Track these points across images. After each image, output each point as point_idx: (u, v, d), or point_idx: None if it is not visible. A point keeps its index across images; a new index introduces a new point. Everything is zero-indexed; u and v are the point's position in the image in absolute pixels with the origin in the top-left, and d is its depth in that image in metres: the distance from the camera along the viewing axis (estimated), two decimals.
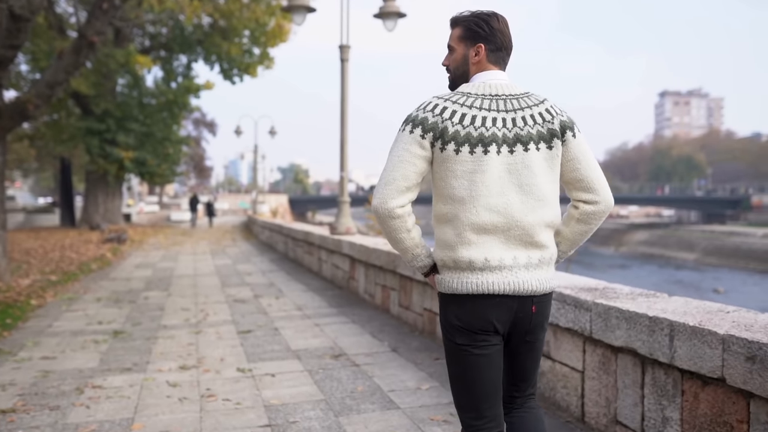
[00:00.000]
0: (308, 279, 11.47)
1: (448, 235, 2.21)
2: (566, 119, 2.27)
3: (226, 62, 27.74)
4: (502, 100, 2.22)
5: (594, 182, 2.29)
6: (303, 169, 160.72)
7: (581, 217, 2.33)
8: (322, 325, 7.15)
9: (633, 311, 3.31)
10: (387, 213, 2.18)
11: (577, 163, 2.27)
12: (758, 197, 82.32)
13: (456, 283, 2.19)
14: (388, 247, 7.92)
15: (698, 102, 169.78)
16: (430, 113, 2.18)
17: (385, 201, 2.18)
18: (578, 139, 2.28)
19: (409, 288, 6.95)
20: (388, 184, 2.18)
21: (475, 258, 2.15)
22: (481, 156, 2.14)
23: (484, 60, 2.29)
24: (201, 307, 8.64)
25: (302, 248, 13.75)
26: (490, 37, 2.28)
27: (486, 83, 2.25)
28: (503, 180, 2.16)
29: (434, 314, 6.24)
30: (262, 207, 40.60)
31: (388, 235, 2.27)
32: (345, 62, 10.95)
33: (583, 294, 3.89)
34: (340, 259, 10.15)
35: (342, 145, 11.09)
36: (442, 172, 2.19)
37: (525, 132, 2.19)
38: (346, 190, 11.18)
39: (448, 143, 2.14)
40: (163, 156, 29.34)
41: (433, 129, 2.16)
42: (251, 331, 6.92)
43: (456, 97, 2.22)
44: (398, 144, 2.21)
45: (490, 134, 2.15)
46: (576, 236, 2.38)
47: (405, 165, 2.17)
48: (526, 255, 2.19)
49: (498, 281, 2.15)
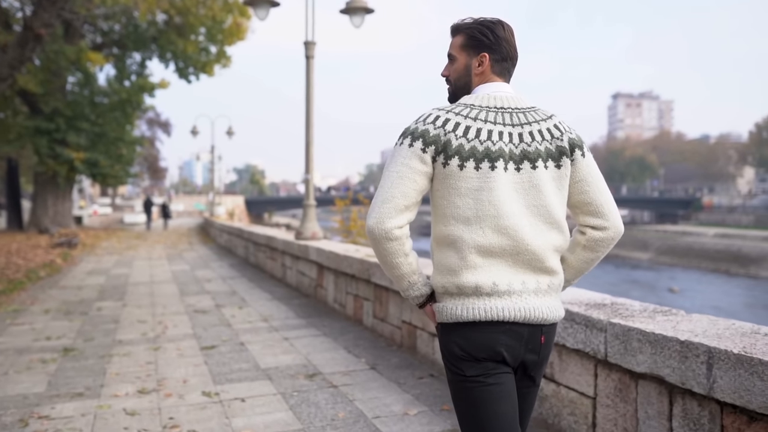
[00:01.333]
0: (272, 286, 10.95)
1: (450, 259, 2.03)
2: (575, 137, 2.12)
3: (181, 60, 26.99)
4: (507, 113, 2.07)
5: (603, 206, 2.14)
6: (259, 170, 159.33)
7: (588, 244, 2.17)
8: (292, 338, 6.68)
9: (660, 334, 2.95)
10: (384, 234, 2.00)
11: (586, 185, 2.13)
12: (708, 198, 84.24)
13: (460, 310, 2.01)
14: (361, 254, 7.49)
15: (649, 104, 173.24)
16: (431, 125, 2.01)
17: (382, 221, 1.99)
18: (587, 159, 2.13)
19: (384, 299, 6.53)
20: (385, 202, 1.99)
21: (482, 282, 1.98)
22: (488, 172, 1.98)
23: (488, 71, 2.14)
24: (159, 318, 8.07)
25: (264, 253, 13.20)
26: (495, 47, 2.13)
27: (490, 95, 2.10)
28: (510, 200, 2.00)
29: (414, 327, 5.82)
30: (219, 209, 39.72)
31: (383, 259, 2.07)
32: (310, 59, 10.47)
33: (594, 311, 3.52)
34: (306, 265, 9.67)
35: (307, 147, 10.60)
36: (444, 190, 2.02)
37: (532, 148, 2.04)
38: (312, 193, 10.69)
39: (451, 158, 1.98)
40: (116, 157, 28.41)
41: (435, 142, 1.99)
42: (215, 346, 6.41)
43: (459, 108, 2.06)
44: (396, 158, 2.03)
45: (497, 149, 2.00)
46: (582, 264, 2.22)
47: (404, 182, 1.99)
48: (535, 280, 2.04)
49: (507, 307, 1.98)
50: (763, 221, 62.98)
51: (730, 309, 32.38)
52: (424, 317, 5.63)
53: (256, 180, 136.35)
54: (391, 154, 2.07)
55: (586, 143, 2.17)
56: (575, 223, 2.24)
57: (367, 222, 2.03)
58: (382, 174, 2.06)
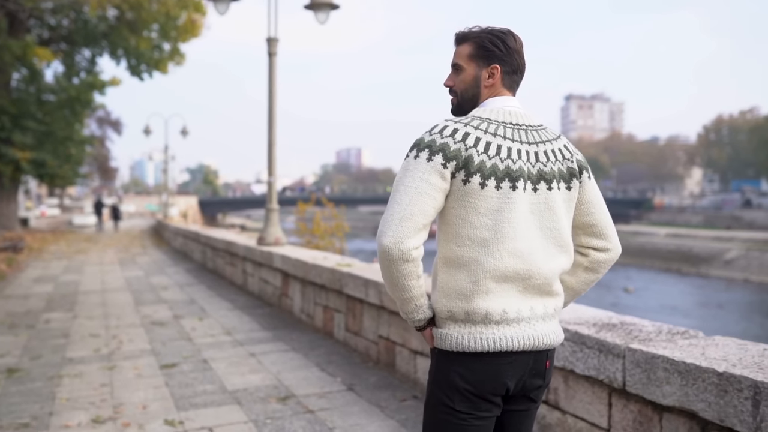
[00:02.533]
0: (232, 294, 10.44)
1: (461, 282, 1.92)
2: (582, 159, 2.10)
3: (134, 57, 26.10)
4: (523, 130, 1.99)
5: (607, 228, 2.14)
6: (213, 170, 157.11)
7: (591, 266, 2.14)
8: (259, 354, 6.23)
9: (692, 364, 2.63)
10: (401, 255, 1.85)
11: (592, 206, 2.10)
12: (659, 198, 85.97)
13: (467, 340, 1.91)
14: (331, 263, 7.09)
15: (601, 106, 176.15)
16: (450, 139, 1.89)
17: (400, 240, 1.84)
18: (593, 182, 2.12)
19: (358, 311, 6.14)
20: (404, 221, 1.84)
21: (492, 309, 1.90)
22: (509, 192, 1.89)
23: (499, 83, 2.05)
24: (113, 332, 7.53)
25: (223, 259, 12.67)
26: (507, 58, 2.04)
27: (503, 109, 2.01)
28: (527, 222, 1.93)
29: (392, 344, 5.45)
30: (171, 210, 38.72)
31: (394, 280, 1.92)
32: (273, 56, 10.00)
33: (608, 334, 3.20)
34: (270, 273, 9.21)
35: (270, 148, 10.13)
36: (460, 209, 1.91)
37: (548, 168, 1.98)
38: (275, 196, 10.22)
39: (472, 175, 1.87)
40: (65, 157, 27.37)
41: (456, 157, 1.87)
42: (176, 364, 5.94)
43: (475, 122, 1.95)
44: (414, 173, 1.88)
45: (518, 168, 1.91)
46: (581, 286, 2.18)
47: (424, 198, 1.86)
48: (542, 305, 1.98)
49: (517, 336, 1.91)
50: (711, 221, 64.44)
51: (685, 308, 32.90)
52: (403, 333, 5.26)
53: (210, 180, 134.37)
54: (405, 167, 1.91)
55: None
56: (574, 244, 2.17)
57: (382, 241, 1.86)
58: (395, 188, 1.90)
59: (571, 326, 3.41)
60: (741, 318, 30.89)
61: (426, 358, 4.89)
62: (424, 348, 4.90)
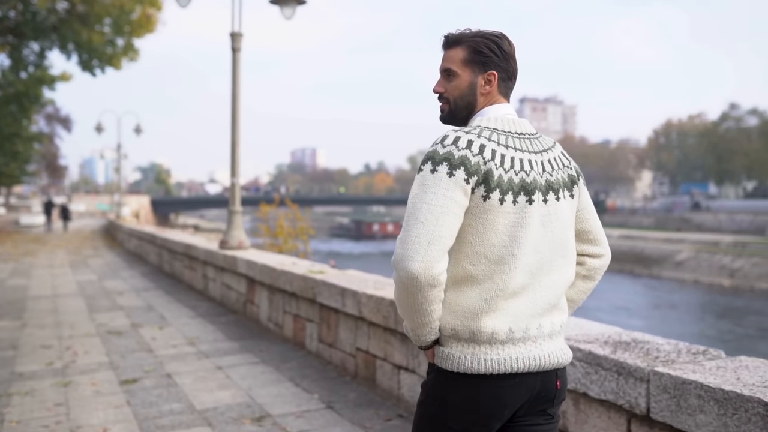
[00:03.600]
0: (193, 300, 9.98)
1: (471, 300, 1.81)
2: (576, 165, 2.02)
3: (85, 52, 25.18)
4: (527, 138, 1.90)
5: (600, 234, 2.06)
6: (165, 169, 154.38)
7: (588, 274, 2.07)
8: (227, 367, 5.85)
9: (732, 392, 2.38)
10: (431, 281, 1.72)
11: (587, 213, 2.03)
12: (612, 200, 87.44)
13: (470, 361, 1.79)
14: (302, 269, 6.74)
15: (554, 108, 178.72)
16: (468, 151, 1.77)
17: (431, 265, 1.70)
18: (585, 187, 2.04)
19: (333, 322, 5.81)
20: (433, 243, 1.71)
21: (498, 328, 1.79)
22: (525, 206, 1.81)
23: (495, 90, 1.94)
24: (67, 343, 7.05)
25: (182, 262, 12.18)
26: (503, 64, 1.93)
27: (505, 118, 1.90)
28: (538, 235, 1.84)
29: (372, 357, 5.14)
30: (124, 210, 37.66)
31: (417, 306, 1.77)
32: (237, 52, 9.58)
33: (626, 355, 2.94)
34: (234, 278, 8.81)
35: (233, 147, 9.71)
36: (478, 226, 1.79)
37: (554, 178, 1.91)
38: (239, 198, 9.81)
39: (493, 191, 1.77)
40: (12, 154, 26.35)
41: (476, 172, 1.77)
42: (138, 379, 5.52)
43: (486, 133, 1.83)
44: (436, 189, 1.74)
45: (531, 180, 1.84)
46: (581, 296, 2.09)
47: (450, 218, 1.74)
48: (549, 321, 1.88)
49: (523, 356, 1.80)
50: (662, 223, 65.78)
51: (639, 309, 33.39)
52: (385, 346, 4.95)
53: (162, 179, 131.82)
54: (422, 182, 1.76)
55: None
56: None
57: (409, 266, 1.70)
58: (415, 205, 1.75)
59: (582, 345, 3.15)
60: (694, 319, 31.43)
61: (411, 374, 4.59)
62: (409, 362, 4.61)
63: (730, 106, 77.59)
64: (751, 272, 42.32)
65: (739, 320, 30.99)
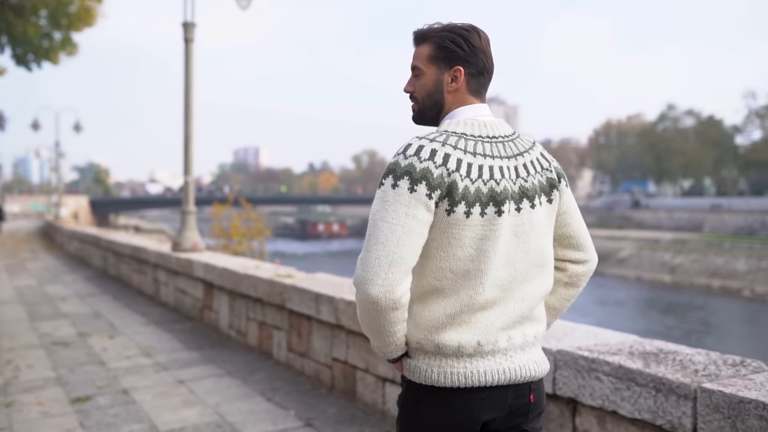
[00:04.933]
0: (143, 306, 9.40)
1: (435, 314, 1.74)
2: (558, 166, 1.89)
3: (20, 45, 24.01)
4: (500, 143, 1.79)
5: (584, 238, 1.95)
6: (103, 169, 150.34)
7: (570, 280, 1.96)
8: (190, 381, 5.39)
9: None
10: (391, 304, 1.65)
11: (569, 217, 1.91)
12: None
13: (436, 374, 1.74)
14: (268, 273, 6.31)
15: (497, 108, 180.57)
16: (430, 162, 1.66)
17: (391, 289, 1.63)
18: (569, 189, 1.91)
19: (305, 330, 5.41)
20: (393, 266, 1.63)
21: (465, 342, 1.72)
22: (494, 218, 1.70)
23: (464, 87, 1.83)
24: (7, 356, 6.44)
25: (130, 265, 11.53)
26: (471, 58, 1.81)
27: (476, 120, 1.79)
28: (510, 246, 1.74)
29: (352, 368, 4.76)
30: (62, 210, 36.23)
31: (379, 327, 1.72)
32: (189, 42, 9.05)
33: (662, 369, 2.64)
34: (189, 283, 8.29)
35: (186, 143, 9.17)
36: (443, 241, 1.70)
37: (529, 184, 1.78)
38: (192, 197, 9.28)
39: (457, 204, 1.66)
40: None
41: (440, 185, 1.66)
42: (90, 397, 5.01)
43: (452, 139, 1.72)
44: (396, 207, 1.65)
45: (502, 189, 1.72)
46: (563, 303, 1.99)
47: (412, 237, 1.65)
48: (521, 333, 1.80)
49: (491, 370, 1.73)
50: (604, 221, 67.05)
51: (585, 307, 33.74)
52: (366, 356, 4.59)
53: (101, 179, 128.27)
54: (383, 199, 1.67)
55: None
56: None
57: (369, 290, 1.63)
58: (375, 224, 1.66)
59: (607, 357, 2.85)
60: (640, 315, 32.01)
61: (397, 387, 4.23)
62: (395, 375, 4.25)
63: (668, 107, 79.71)
64: (691, 268, 43.47)
65: (683, 315, 31.69)
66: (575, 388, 2.96)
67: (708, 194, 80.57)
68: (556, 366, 3.06)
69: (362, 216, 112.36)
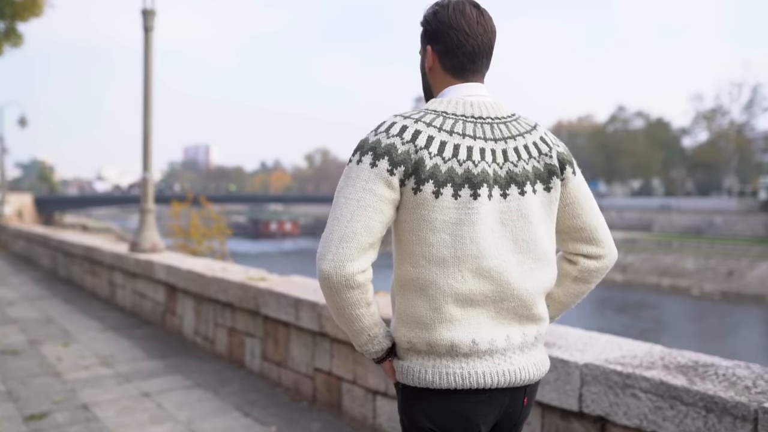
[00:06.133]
0: (98, 310, 8.86)
1: (420, 309, 1.62)
2: (563, 151, 1.73)
3: None
4: (487, 124, 1.65)
5: (598, 231, 1.79)
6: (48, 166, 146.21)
7: (581, 275, 1.81)
8: (156, 394, 4.97)
9: None
10: (344, 282, 1.55)
11: (578, 207, 1.76)
12: None
13: (431, 375, 1.61)
14: (239, 276, 5.92)
15: None
16: (397, 139, 1.58)
17: (342, 264, 1.54)
18: (579, 177, 1.76)
19: (282, 337, 5.04)
20: (345, 241, 1.54)
21: (459, 340, 1.60)
22: (469, 201, 1.57)
23: (438, 67, 1.71)
24: None
25: (82, 267, 10.93)
26: (439, 35, 1.67)
27: (464, 100, 1.67)
28: (496, 235, 1.61)
29: (337, 379, 4.42)
30: (6, 208, 34.82)
31: (340, 311, 1.62)
32: (149, 31, 8.56)
33: (710, 385, 2.38)
34: (149, 286, 7.81)
35: (145, 138, 8.68)
36: (412, 222, 1.60)
37: (519, 169, 1.64)
38: (152, 195, 8.78)
39: (424, 182, 1.56)
40: None
41: (404, 162, 1.57)
42: (47, 414, 4.55)
43: (428, 117, 1.62)
44: (355, 182, 1.57)
45: (480, 171, 1.59)
46: (570, 298, 1.86)
47: (368, 213, 1.55)
48: (520, 332, 1.67)
49: (490, 371, 1.61)
50: None
51: None
52: (354, 366, 4.25)
53: (46, 176, 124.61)
54: (346, 174, 1.62)
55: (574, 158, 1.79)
56: (560, 250, 1.85)
57: (321, 265, 1.56)
58: (335, 200, 1.61)
59: (644, 372, 2.58)
60: (596, 314, 32.23)
61: (390, 400, 3.91)
62: (389, 387, 3.92)
63: (618, 109, 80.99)
64: (642, 267, 44.18)
65: (637, 314, 32.12)
66: (606, 406, 2.68)
67: (657, 194, 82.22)
68: (582, 381, 2.77)
69: (315, 215, 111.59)
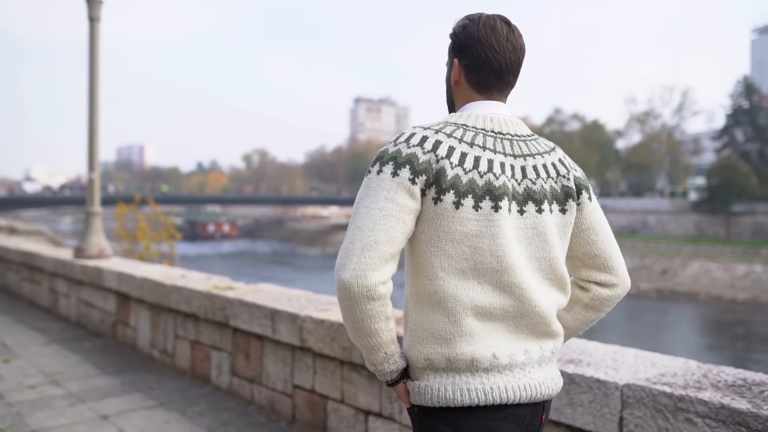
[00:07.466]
0: (39, 321, 8.23)
1: (438, 323, 1.58)
2: (581, 176, 1.72)
3: None
4: (507, 140, 1.64)
5: (612, 259, 1.74)
6: None
7: (592, 303, 1.75)
8: (115, 416, 4.51)
9: None
10: (365, 292, 1.48)
11: (593, 234, 1.72)
12: None
13: (451, 392, 1.56)
14: (203, 285, 5.50)
15: (388, 109, 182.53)
16: (418, 148, 1.56)
17: (363, 274, 1.48)
18: (594, 204, 1.74)
19: (255, 351, 4.65)
20: (367, 250, 1.49)
21: (479, 354, 1.56)
22: (490, 214, 1.54)
23: (464, 81, 1.69)
24: None
25: (18, 273, 10.21)
26: (466, 50, 1.66)
27: (484, 115, 1.65)
28: (515, 250, 1.58)
29: (321, 398, 4.07)
30: None
31: (358, 323, 1.54)
32: (95, 22, 7.99)
33: None
34: (98, 294, 7.26)
35: (91, 136, 8.10)
36: (431, 233, 1.56)
37: (538, 186, 1.62)
38: (98, 196, 8.22)
39: (445, 192, 1.53)
40: None
41: (425, 171, 1.54)
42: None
43: (449, 129, 1.60)
44: (377, 191, 1.54)
45: (500, 184, 1.56)
46: (579, 325, 1.80)
47: (390, 222, 1.51)
48: (538, 347, 1.65)
49: (511, 386, 1.57)
50: None
51: None
52: (342, 384, 3.91)
53: None
54: (366, 185, 1.56)
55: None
56: (572, 276, 1.80)
57: (342, 275, 1.49)
58: (356, 210, 1.55)
59: (697, 393, 2.33)
60: None
61: (387, 422, 3.59)
62: (383, 407, 3.60)
63: (555, 111, 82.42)
64: None
65: None
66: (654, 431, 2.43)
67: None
68: (624, 404, 2.52)
69: (254, 216, 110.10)
